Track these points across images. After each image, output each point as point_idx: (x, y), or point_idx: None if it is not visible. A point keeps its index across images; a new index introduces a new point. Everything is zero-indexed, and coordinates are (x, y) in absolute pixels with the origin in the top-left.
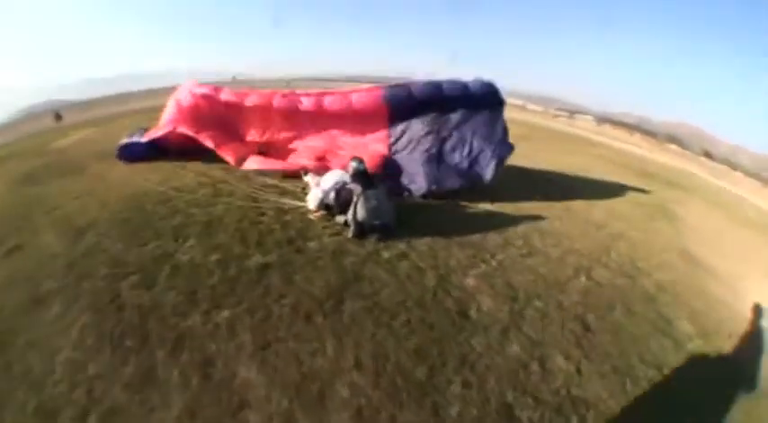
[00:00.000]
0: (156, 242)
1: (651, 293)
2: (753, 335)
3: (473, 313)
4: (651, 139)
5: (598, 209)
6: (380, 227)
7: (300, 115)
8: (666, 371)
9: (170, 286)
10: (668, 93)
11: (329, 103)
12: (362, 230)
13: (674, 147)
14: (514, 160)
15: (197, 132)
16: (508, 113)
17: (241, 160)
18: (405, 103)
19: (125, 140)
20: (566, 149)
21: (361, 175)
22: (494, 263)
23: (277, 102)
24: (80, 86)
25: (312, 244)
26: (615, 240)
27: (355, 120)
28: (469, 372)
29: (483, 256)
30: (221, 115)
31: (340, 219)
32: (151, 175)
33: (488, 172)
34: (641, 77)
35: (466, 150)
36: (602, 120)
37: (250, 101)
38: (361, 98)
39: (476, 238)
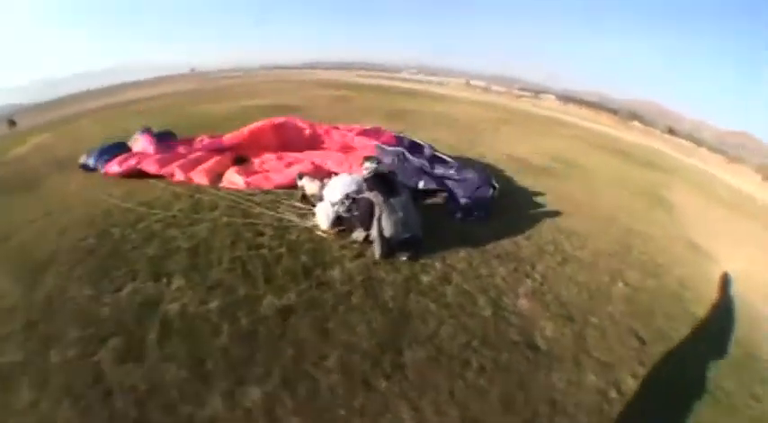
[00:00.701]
0: (133, 284)
1: (678, 292)
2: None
3: (541, 343)
4: (616, 117)
5: (599, 200)
6: (411, 241)
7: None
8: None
9: (166, 355)
10: (627, 71)
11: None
12: (391, 248)
13: (637, 124)
14: (504, 147)
15: (161, 168)
16: (475, 96)
17: (217, 177)
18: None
19: (84, 160)
20: (544, 132)
21: (379, 179)
22: (537, 276)
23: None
24: (33, 88)
25: (334, 273)
26: (630, 236)
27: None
28: (563, 417)
29: (524, 269)
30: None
31: (358, 235)
32: (114, 189)
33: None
34: (599, 56)
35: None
36: (565, 99)
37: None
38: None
39: (507, 245)
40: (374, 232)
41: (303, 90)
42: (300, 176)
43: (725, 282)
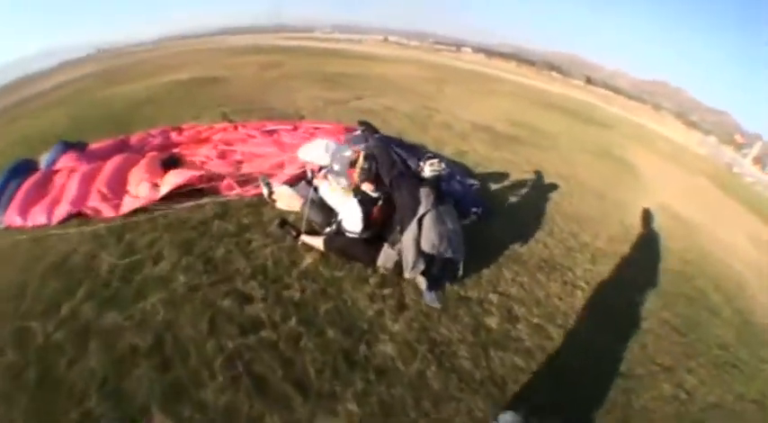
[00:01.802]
0: None
1: (683, 271)
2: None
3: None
4: (535, 69)
5: (576, 169)
6: (448, 263)
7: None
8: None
9: None
10: (542, 22)
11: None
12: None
13: (555, 74)
14: (462, 113)
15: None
16: (401, 53)
17: (154, 188)
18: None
19: None
20: (485, 90)
21: (437, 183)
22: (582, 284)
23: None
24: None
25: (386, 349)
26: (621, 211)
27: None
28: None
29: (568, 278)
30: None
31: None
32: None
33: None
34: (511, 7)
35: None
36: (482, 51)
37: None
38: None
39: (537, 249)
40: (408, 238)
41: (223, 59)
42: (266, 184)
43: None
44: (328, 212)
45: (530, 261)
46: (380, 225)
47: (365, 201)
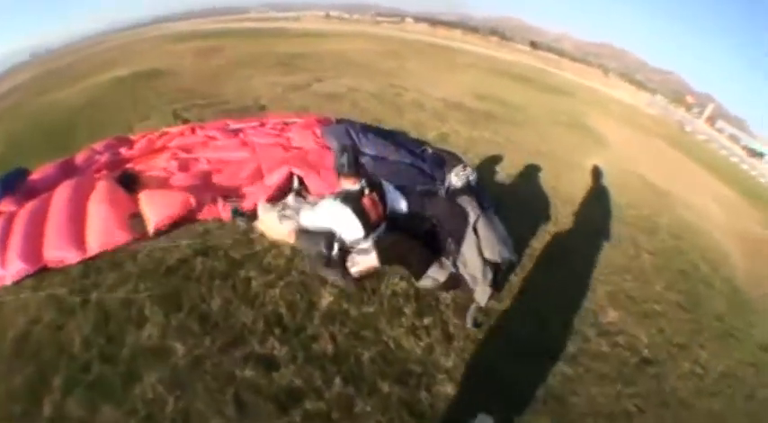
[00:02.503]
0: None
1: (676, 246)
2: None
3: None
4: (479, 35)
5: (553, 145)
6: (511, 267)
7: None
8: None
9: None
10: None
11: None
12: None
13: (497, 40)
14: (430, 90)
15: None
16: (339, 26)
17: (133, 222)
18: None
19: None
20: (444, 64)
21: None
22: (628, 287)
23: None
24: None
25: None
26: (605, 187)
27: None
28: None
29: (609, 289)
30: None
31: (436, 276)
32: None
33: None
34: None
35: None
36: (423, 20)
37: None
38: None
39: (574, 257)
40: (469, 248)
41: (160, 48)
42: (239, 215)
43: None
44: (322, 235)
45: (548, 255)
46: (383, 217)
47: (349, 199)
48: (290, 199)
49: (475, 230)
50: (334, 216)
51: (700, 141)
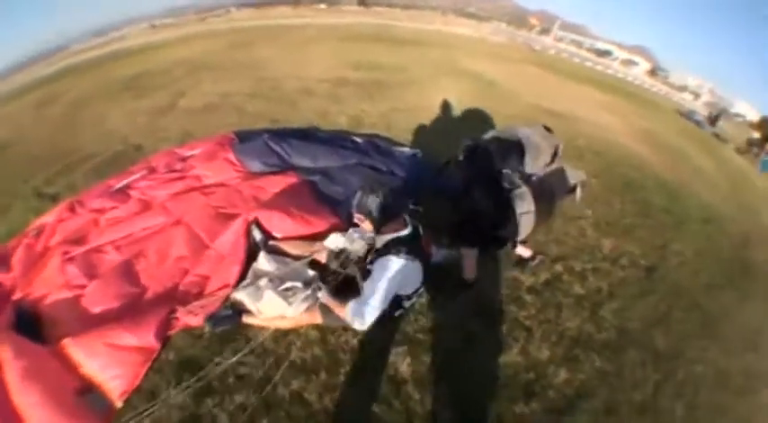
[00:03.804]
0: None
1: (606, 162)
2: None
3: None
4: (304, 6)
5: (458, 97)
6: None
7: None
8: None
9: None
10: None
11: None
12: None
13: (324, 6)
14: (294, 75)
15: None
16: (168, 34)
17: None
18: None
19: None
20: (295, 43)
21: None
22: (600, 214)
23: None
24: None
25: None
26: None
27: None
28: None
29: (584, 212)
30: None
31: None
32: None
33: None
34: None
35: None
36: (244, 6)
37: None
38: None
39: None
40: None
41: None
42: (217, 321)
43: None
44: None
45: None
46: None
47: (415, 250)
48: (265, 262)
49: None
50: (406, 276)
51: (555, 56)
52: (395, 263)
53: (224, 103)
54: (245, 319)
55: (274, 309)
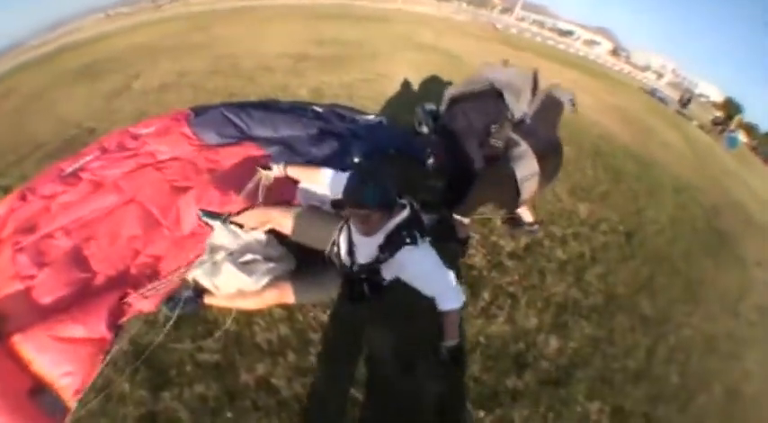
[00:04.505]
0: None
1: (578, 137)
2: None
3: None
4: None
5: (420, 71)
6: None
7: None
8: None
9: None
10: None
11: None
12: None
13: None
14: (254, 52)
15: None
16: (123, 22)
17: None
18: None
19: None
20: (253, 23)
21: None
22: (576, 180)
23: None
24: None
25: None
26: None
27: None
28: None
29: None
30: None
31: None
32: None
33: None
34: None
35: None
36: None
37: None
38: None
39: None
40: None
41: None
42: (177, 303)
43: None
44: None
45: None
46: None
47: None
48: (221, 236)
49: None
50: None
51: (526, 37)
52: (421, 251)
53: (180, 81)
54: (207, 300)
55: (233, 283)
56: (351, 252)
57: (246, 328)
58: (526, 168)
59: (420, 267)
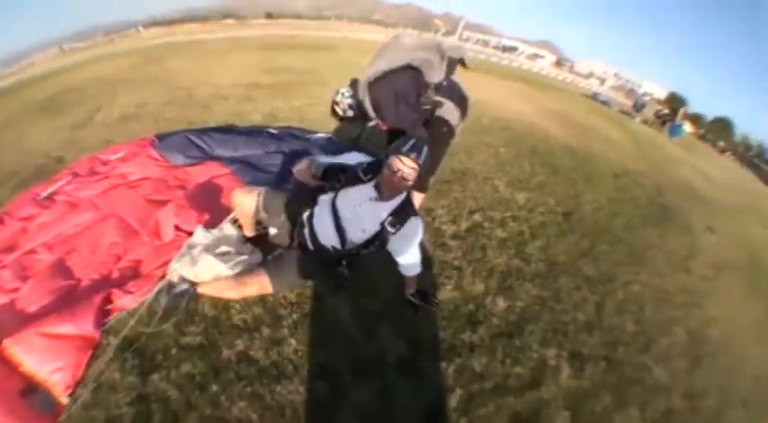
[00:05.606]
0: None
1: (512, 135)
2: None
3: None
4: (213, 22)
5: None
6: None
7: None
8: None
9: None
10: None
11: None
12: None
13: (232, 21)
14: (208, 83)
15: None
16: (79, 57)
17: None
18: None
19: None
20: (205, 56)
21: None
22: (514, 174)
23: None
24: None
25: None
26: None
27: None
28: None
29: (496, 175)
30: None
31: None
32: None
33: None
34: None
35: None
36: (154, 25)
37: None
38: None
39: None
40: None
41: None
42: (170, 290)
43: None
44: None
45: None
46: None
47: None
48: (199, 236)
49: None
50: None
51: (470, 56)
52: (413, 223)
53: (140, 112)
54: (201, 290)
55: (211, 271)
56: (339, 227)
57: (224, 311)
58: (453, 117)
59: (414, 238)
